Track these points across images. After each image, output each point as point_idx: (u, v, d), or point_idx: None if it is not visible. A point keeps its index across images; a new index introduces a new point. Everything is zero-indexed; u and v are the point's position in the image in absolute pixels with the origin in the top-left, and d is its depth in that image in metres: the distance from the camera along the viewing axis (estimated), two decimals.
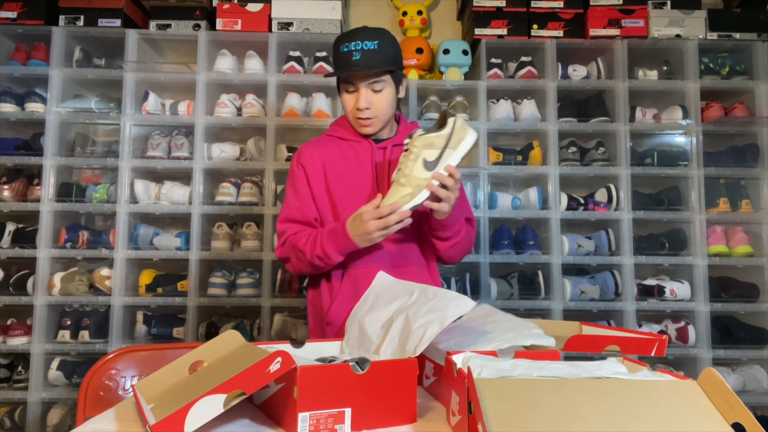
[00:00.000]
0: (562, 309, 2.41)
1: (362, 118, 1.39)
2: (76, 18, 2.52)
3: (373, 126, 1.41)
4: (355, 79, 1.36)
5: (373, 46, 1.33)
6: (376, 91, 1.37)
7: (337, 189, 1.43)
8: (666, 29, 2.58)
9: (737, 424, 0.69)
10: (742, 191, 2.59)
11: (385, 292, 1.22)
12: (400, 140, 1.45)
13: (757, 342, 2.42)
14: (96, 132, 2.71)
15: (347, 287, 1.39)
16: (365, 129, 1.42)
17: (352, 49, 1.33)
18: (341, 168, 1.44)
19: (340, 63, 1.37)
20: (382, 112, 1.40)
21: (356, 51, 1.33)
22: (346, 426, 0.83)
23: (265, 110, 2.53)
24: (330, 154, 1.46)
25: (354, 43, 1.33)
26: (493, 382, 0.75)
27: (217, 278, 2.41)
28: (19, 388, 2.37)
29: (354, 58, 1.33)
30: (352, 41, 1.33)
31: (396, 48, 1.40)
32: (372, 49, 1.33)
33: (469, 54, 2.60)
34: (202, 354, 1.01)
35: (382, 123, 1.42)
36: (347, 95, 1.40)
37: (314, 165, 1.44)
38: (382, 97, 1.38)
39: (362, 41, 1.33)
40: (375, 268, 1.36)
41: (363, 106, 1.36)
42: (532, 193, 2.51)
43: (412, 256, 1.44)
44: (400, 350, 1.00)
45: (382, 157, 1.44)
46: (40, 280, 2.38)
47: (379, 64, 1.34)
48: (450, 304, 1.01)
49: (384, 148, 1.44)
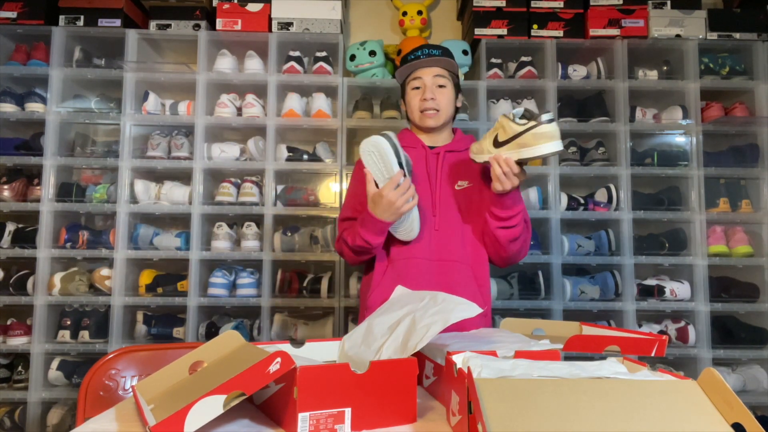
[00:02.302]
0: (562, 309, 2.41)
1: (427, 109, 1.50)
2: (76, 18, 2.52)
3: (436, 119, 1.52)
4: (421, 72, 1.51)
5: (437, 52, 1.51)
6: (440, 86, 1.51)
7: None
8: (666, 29, 2.58)
9: (737, 424, 0.69)
10: (742, 191, 2.59)
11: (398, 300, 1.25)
12: (454, 147, 1.55)
13: (757, 342, 2.42)
14: (96, 132, 2.71)
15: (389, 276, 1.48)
16: (429, 121, 1.52)
17: (418, 55, 1.51)
18: None
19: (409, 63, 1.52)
20: (444, 106, 1.51)
21: (422, 54, 1.51)
22: (346, 426, 0.83)
23: (265, 110, 2.52)
24: None
25: (420, 51, 1.52)
26: (493, 382, 0.75)
27: (217, 278, 2.41)
28: (19, 388, 2.37)
29: (422, 56, 1.51)
30: (419, 50, 1.52)
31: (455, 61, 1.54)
32: (436, 55, 1.51)
33: (469, 54, 2.60)
34: (202, 354, 1.01)
35: (443, 119, 1.53)
36: (413, 93, 1.53)
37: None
38: (444, 94, 1.51)
39: (429, 49, 1.52)
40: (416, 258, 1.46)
41: (428, 96, 1.49)
42: (532, 193, 2.51)
43: (455, 250, 1.48)
44: (402, 348, 1.00)
45: (435, 162, 1.53)
46: (40, 280, 2.38)
47: (444, 63, 1.51)
48: (456, 308, 1.02)
49: (437, 154, 1.53)
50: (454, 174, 1.53)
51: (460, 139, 1.60)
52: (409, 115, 1.59)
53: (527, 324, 1.32)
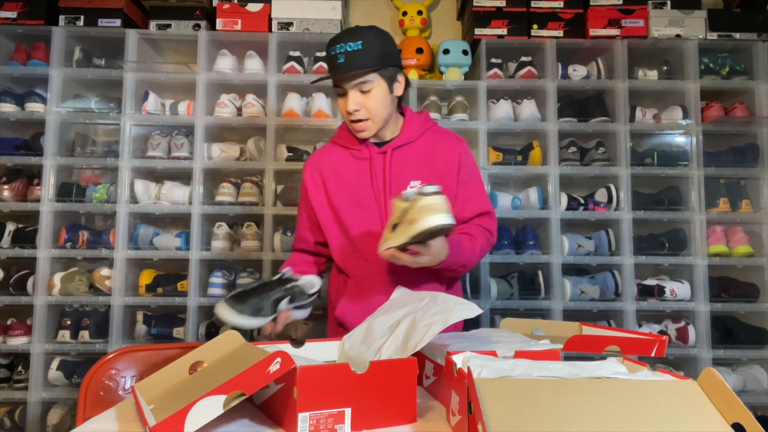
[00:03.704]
0: (562, 309, 2.41)
1: (355, 121, 1.37)
2: (76, 18, 2.52)
3: (369, 130, 1.38)
4: (342, 82, 1.34)
5: (357, 46, 1.30)
6: (365, 92, 1.34)
7: (338, 201, 1.44)
8: (666, 29, 2.58)
9: (737, 424, 0.69)
10: (742, 191, 2.59)
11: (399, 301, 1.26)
12: (402, 140, 1.43)
13: (757, 342, 2.42)
14: (96, 132, 2.71)
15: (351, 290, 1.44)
16: (361, 134, 1.40)
17: (337, 53, 1.31)
18: (340, 179, 1.44)
19: (329, 67, 1.36)
20: (374, 113, 1.36)
21: (341, 54, 1.31)
22: (346, 426, 0.83)
23: (265, 110, 2.52)
24: (329, 165, 1.47)
25: (339, 46, 1.31)
26: (493, 382, 0.75)
27: (217, 278, 2.41)
28: (19, 388, 2.37)
29: (339, 61, 1.31)
30: (337, 44, 1.32)
31: (385, 45, 1.36)
32: (356, 50, 1.30)
33: (469, 54, 2.60)
34: (202, 354, 1.01)
35: (378, 125, 1.39)
36: (340, 99, 1.38)
37: (314, 180, 1.48)
38: (372, 98, 1.34)
39: (346, 43, 1.30)
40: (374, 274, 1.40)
41: (351, 108, 1.34)
42: (532, 193, 2.51)
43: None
44: (402, 348, 1.00)
45: (382, 163, 1.41)
46: (40, 280, 2.38)
47: (362, 64, 1.31)
48: (456, 308, 1.02)
49: (384, 153, 1.42)
50: (406, 173, 1.41)
51: (409, 127, 1.44)
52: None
53: (527, 324, 1.32)
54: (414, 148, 1.43)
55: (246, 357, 0.91)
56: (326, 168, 1.47)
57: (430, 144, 1.44)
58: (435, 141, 1.45)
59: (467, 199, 1.43)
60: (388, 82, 1.37)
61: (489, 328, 2.20)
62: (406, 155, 1.42)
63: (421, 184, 1.37)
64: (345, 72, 1.31)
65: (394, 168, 1.40)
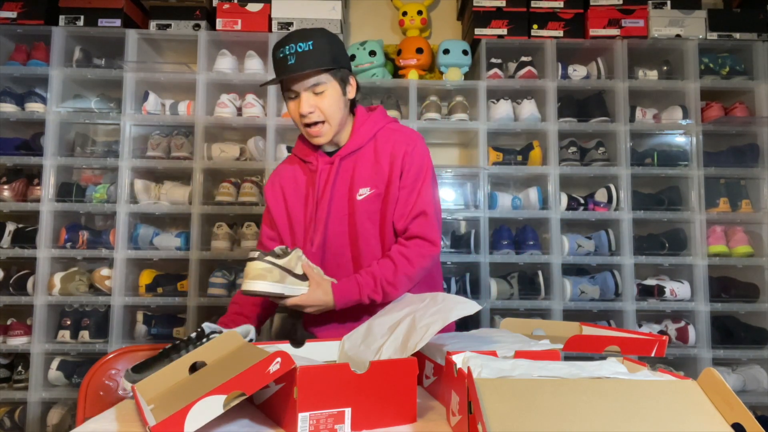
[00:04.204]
0: (562, 309, 2.41)
1: (310, 124, 1.32)
2: (76, 18, 2.52)
3: (325, 135, 1.33)
4: (293, 84, 1.29)
5: (308, 47, 1.26)
6: (318, 94, 1.30)
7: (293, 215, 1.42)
8: (666, 29, 2.58)
9: (737, 424, 0.69)
10: (742, 191, 2.59)
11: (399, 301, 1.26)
12: (351, 147, 1.37)
13: (757, 342, 2.42)
14: (96, 132, 2.71)
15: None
16: (317, 140, 1.34)
17: (286, 54, 1.26)
18: (294, 192, 1.43)
19: (277, 69, 1.30)
20: (329, 115, 1.31)
21: (291, 55, 1.26)
22: (346, 426, 0.83)
23: (265, 110, 2.52)
24: (287, 180, 1.45)
25: (288, 47, 1.26)
26: (493, 382, 0.75)
27: (217, 278, 2.41)
28: (19, 388, 2.37)
29: (289, 62, 1.26)
30: (286, 45, 1.27)
31: (335, 46, 1.32)
32: (306, 51, 1.26)
33: (469, 54, 2.60)
34: (202, 354, 1.01)
35: (334, 129, 1.34)
36: (291, 103, 1.33)
37: (274, 193, 1.46)
38: (325, 99, 1.30)
39: (296, 44, 1.26)
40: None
41: (306, 111, 1.29)
42: (532, 193, 2.51)
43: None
44: (402, 348, 1.00)
45: (326, 175, 1.36)
46: (40, 280, 2.38)
47: (314, 64, 1.27)
48: (456, 307, 1.03)
49: (331, 163, 1.37)
50: (354, 182, 1.35)
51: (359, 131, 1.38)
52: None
53: (527, 324, 1.32)
54: (363, 153, 1.37)
55: (246, 357, 0.91)
56: (285, 183, 1.45)
57: (379, 146, 1.38)
58: (384, 142, 1.38)
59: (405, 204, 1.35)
60: (341, 84, 1.33)
61: (489, 328, 2.20)
62: (355, 162, 1.37)
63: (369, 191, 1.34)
64: (297, 71, 1.26)
65: (340, 178, 1.36)
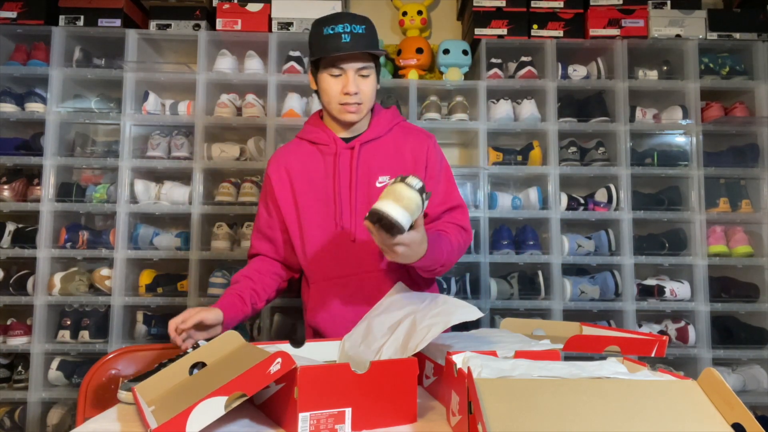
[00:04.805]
0: (562, 309, 2.41)
1: (350, 103, 1.31)
2: (76, 18, 2.52)
3: (359, 113, 1.34)
4: (343, 62, 1.28)
5: (362, 30, 1.27)
6: (364, 77, 1.31)
7: (302, 198, 1.39)
8: (666, 29, 2.58)
9: (737, 424, 0.69)
10: (742, 191, 2.59)
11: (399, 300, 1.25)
12: (371, 135, 1.38)
13: (757, 342, 2.42)
14: (96, 132, 2.71)
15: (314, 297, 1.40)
16: (350, 116, 1.33)
17: (340, 32, 1.25)
18: (306, 176, 1.39)
19: (326, 44, 1.27)
20: (368, 98, 1.33)
21: (345, 33, 1.25)
22: (347, 426, 0.83)
23: (265, 110, 2.52)
24: (296, 162, 1.41)
25: (343, 26, 1.26)
26: (493, 382, 0.75)
27: (217, 278, 2.41)
28: (19, 388, 2.37)
29: (344, 40, 1.25)
30: (339, 23, 1.26)
31: (377, 37, 1.35)
32: (361, 33, 1.27)
33: (469, 54, 2.60)
34: (202, 354, 1.01)
35: (366, 110, 1.35)
36: (331, 80, 1.31)
37: (279, 177, 1.42)
38: (369, 84, 1.32)
39: (350, 24, 1.26)
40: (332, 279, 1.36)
41: (353, 90, 1.29)
42: (532, 193, 2.51)
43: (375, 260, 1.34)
44: (402, 349, 1.00)
45: (349, 159, 1.36)
46: (40, 280, 2.38)
47: (369, 47, 1.28)
48: (458, 311, 1.02)
49: (352, 148, 1.36)
50: (374, 168, 1.36)
51: (378, 122, 1.40)
52: (323, 100, 1.36)
53: (527, 324, 1.32)
54: (382, 143, 1.38)
55: (246, 357, 0.91)
56: (293, 165, 1.41)
57: (398, 139, 1.40)
58: (403, 136, 1.41)
59: (436, 194, 1.37)
60: (377, 74, 1.36)
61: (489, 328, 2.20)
62: (374, 150, 1.37)
63: (389, 179, 1.33)
64: (354, 50, 1.26)
65: (361, 163, 1.36)
